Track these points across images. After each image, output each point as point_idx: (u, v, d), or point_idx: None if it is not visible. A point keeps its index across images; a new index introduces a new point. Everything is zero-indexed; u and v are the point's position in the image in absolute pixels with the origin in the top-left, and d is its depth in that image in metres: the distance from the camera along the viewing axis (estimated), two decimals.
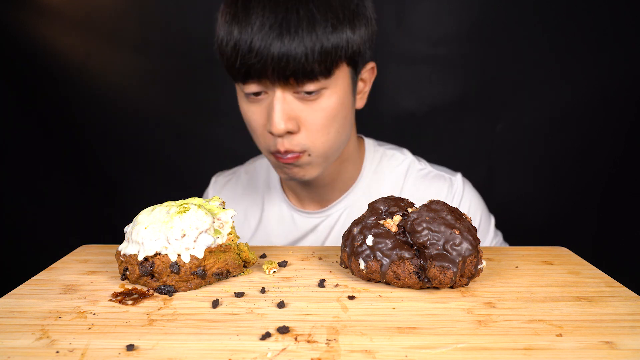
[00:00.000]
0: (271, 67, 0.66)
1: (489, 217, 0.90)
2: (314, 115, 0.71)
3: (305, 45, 0.66)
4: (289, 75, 0.67)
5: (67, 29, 1.36)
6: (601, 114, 1.37)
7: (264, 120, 0.73)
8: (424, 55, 1.36)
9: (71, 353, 0.39)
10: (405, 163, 0.91)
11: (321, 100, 0.71)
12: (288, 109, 0.70)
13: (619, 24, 1.30)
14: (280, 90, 0.69)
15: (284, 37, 0.65)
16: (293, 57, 0.66)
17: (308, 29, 0.66)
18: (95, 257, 0.61)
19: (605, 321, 0.44)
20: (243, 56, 0.67)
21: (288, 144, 0.72)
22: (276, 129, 0.69)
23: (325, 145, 0.74)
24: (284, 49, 0.65)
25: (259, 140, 0.76)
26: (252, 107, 0.74)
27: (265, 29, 0.66)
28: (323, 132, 0.73)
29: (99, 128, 1.44)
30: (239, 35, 0.67)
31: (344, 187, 0.88)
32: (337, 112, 0.73)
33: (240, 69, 0.68)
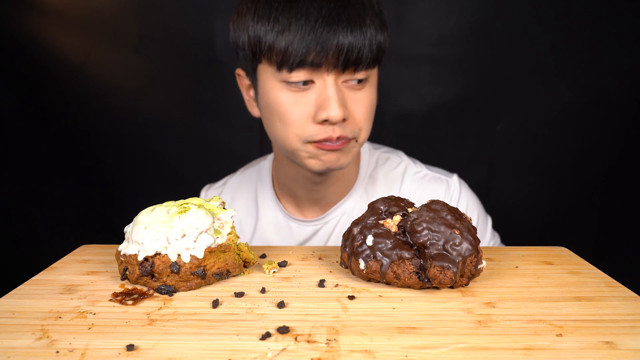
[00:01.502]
0: (336, 55, 0.68)
1: (486, 217, 0.90)
2: (361, 104, 0.74)
3: (370, 35, 0.69)
4: (351, 63, 0.69)
5: (67, 29, 1.36)
6: (601, 113, 1.37)
7: (309, 111, 0.72)
8: (424, 55, 1.36)
9: (71, 353, 0.39)
10: (401, 166, 0.91)
11: (365, 90, 0.74)
12: (342, 96, 0.71)
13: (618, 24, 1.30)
14: (333, 77, 0.70)
15: (351, 26, 0.68)
16: (361, 46, 0.69)
17: (364, 16, 0.70)
18: (95, 257, 0.61)
19: (605, 321, 0.44)
20: (306, 43, 0.67)
21: (341, 131, 0.72)
22: (336, 116, 0.70)
23: (366, 133, 0.77)
24: (354, 37, 0.68)
25: (295, 132, 0.73)
26: (293, 97, 0.72)
27: (331, 16, 0.67)
28: (367, 120, 0.76)
29: (99, 128, 1.44)
30: (299, 20, 0.67)
31: (343, 190, 0.87)
32: (374, 103, 0.77)
33: (299, 56, 0.68)
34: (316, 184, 0.85)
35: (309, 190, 0.87)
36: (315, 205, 0.88)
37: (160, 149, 1.47)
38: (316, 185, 0.85)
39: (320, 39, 0.67)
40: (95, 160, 1.47)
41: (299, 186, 0.87)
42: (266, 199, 0.91)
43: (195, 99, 1.44)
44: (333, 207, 0.87)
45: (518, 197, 1.45)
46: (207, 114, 1.44)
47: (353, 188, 0.88)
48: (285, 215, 0.89)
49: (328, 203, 0.88)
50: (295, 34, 0.67)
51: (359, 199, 0.87)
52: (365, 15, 0.70)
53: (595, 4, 1.30)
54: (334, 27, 0.67)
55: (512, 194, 1.44)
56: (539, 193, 1.45)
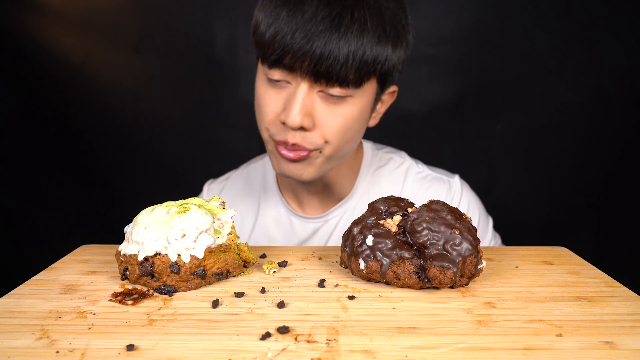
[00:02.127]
0: (308, 62, 0.66)
1: (487, 218, 0.90)
2: (333, 119, 0.71)
3: (350, 48, 0.65)
4: (322, 75, 0.67)
5: (67, 29, 1.36)
6: (601, 113, 1.37)
7: (279, 109, 0.71)
8: (424, 55, 1.36)
9: (71, 353, 0.39)
10: (403, 166, 0.91)
11: (343, 106, 0.71)
12: (309, 105, 0.69)
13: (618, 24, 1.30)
14: (307, 85, 0.69)
15: (332, 34, 0.65)
16: (334, 57, 0.65)
17: (357, 33, 0.66)
18: (95, 257, 0.61)
19: (605, 321, 0.44)
20: (284, 43, 0.66)
21: (300, 139, 0.70)
22: (292, 122, 0.68)
23: (335, 149, 0.74)
24: (329, 46, 0.65)
25: (264, 125, 0.74)
26: (270, 91, 0.72)
27: (315, 20, 0.65)
28: (337, 136, 0.72)
29: (98, 128, 1.44)
30: (286, 19, 0.66)
31: (343, 191, 0.87)
32: (354, 123, 0.73)
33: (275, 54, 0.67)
34: (308, 187, 0.85)
35: (306, 192, 0.87)
36: (317, 202, 0.88)
37: (160, 149, 1.47)
38: (308, 188, 0.85)
39: (295, 41, 0.66)
40: (95, 160, 1.47)
41: (296, 187, 0.87)
42: (269, 194, 0.91)
43: (195, 99, 1.44)
44: (335, 206, 0.87)
45: (518, 197, 1.45)
46: (207, 114, 1.44)
47: (354, 187, 0.88)
48: (288, 211, 0.89)
49: (328, 203, 0.88)
50: (279, 31, 0.67)
51: (360, 198, 0.87)
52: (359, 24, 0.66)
53: (595, 4, 1.30)
54: (312, 31, 0.65)
55: (512, 194, 1.44)
56: (539, 193, 1.45)
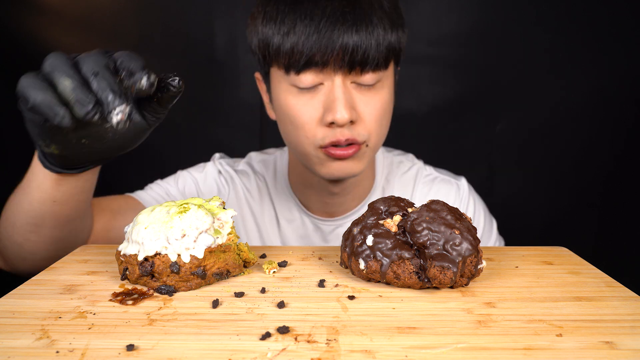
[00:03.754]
0: (342, 54, 0.67)
1: (491, 220, 0.91)
2: (371, 107, 0.72)
3: (378, 35, 0.68)
4: (358, 63, 0.68)
5: (67, 29, 1.36)
6: (601, 113, 1.37)
7: (318, 113, 0.71)
8: (424, 55, 1.36)
9: (71, 353, 0.39)
10: (413, 169, 0.91)
11: (377, 91, 0.72)
12: (349, 97, 0.70)
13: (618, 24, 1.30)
14: (341, 78, 0.69)
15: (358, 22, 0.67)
16: (367, 44, 0.67)
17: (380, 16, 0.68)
18: (95, 257, 0.61)
19: (605, 321, 0.44)
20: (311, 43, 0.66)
21: (349, 134, 0.70)
22: (342, 118, 0.68)
23: (379, 137, 0.75)
24: (359, 37, 0.66)
25: (305, 135, 0.73)
26: (302, 99, 0.71)
27: (337, 13, 0.66)
28: (378, 123, 0.73)
29: None
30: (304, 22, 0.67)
31: (362, 195, 0.87)
32: (388, 105, 0.75)
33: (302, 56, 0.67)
34: (333, 195, 0.83)
35: (326, 202, 0.85)
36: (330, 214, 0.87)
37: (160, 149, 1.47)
38: (333, 195, 0.84)
39: (324, 39, 0.66)
40: None
41: (315, 196, 0.85)
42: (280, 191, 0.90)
43: (195, 99, 1.44)
44: (352, 211, 0.87)
45: (518, 197, 1.45)
46: (207, 114, 1.44)
47: (370, 194, 0.88)
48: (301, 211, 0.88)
49: (343, 211, 0.87)
50: (300, 35, 0.67)
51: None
52: (373, 14, 0.68)
53: (595, 4, 1.30)
54: (338, 26, 0.66)
55: (512, 194, 1.44)
56: (539, 193, 1.45)
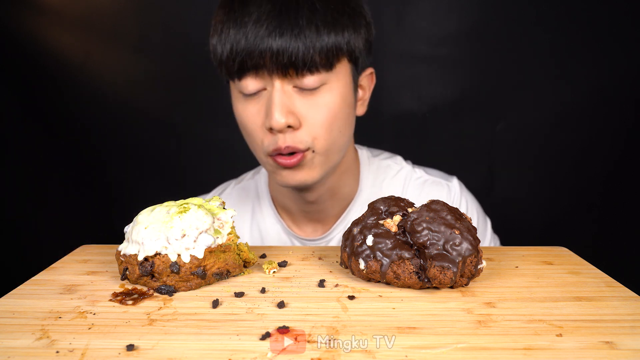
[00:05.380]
0: (269, 57, 0.66)
1: (485, 219, 0.90)
2: (316, 111, 0.69)
3: (306, 38, 0.66)
4: (288, 65, 0.66)
5: (67, 29, 1.36)
6: (601, 113, 1.37)
7: (262, 119, 0.70)
8: (424, 55, 1.36)
9: (71, 353, 0.39)
10: (402, 173, 0.89)
11: (322, 95, 0.70)
12: (288, 102, 0.68)
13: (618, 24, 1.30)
14: (279, 82, 0.68)
15: (283, 28, 0.65)
16: (293, 48, 0.65)
17: (308, 21, 0.66)
18: (95, 257, 0.61)
19: (605, 321, 0.44)
20: (239, 49, 0.67)
21: (290, 140, 0.69)
22: (276, 122, 0.67)
23: (327, 143, 0.72)
24: (284, 40, 0.65)
25: (255, 143, 0.73)
26: (248, 106, 0.71)
27: (263, 18, 0.66)
28: (325, 129, 0.71)
29: (98, 128, 1.44)
30: (236, 29, 0.67)
31: (344, 202, 0.85)
32: (339, 110, 0.71)
33: (235, 62, 0.68)
34: (309, 203, 0.82)
35: (305, 210, 0.84)
36: (314, 221, 0.86)
37: (160, 149, 1.47)
38: (309, 204, 0.82)
39: (249, 44, 0.66)
40: (95, 160, 1.47)
41: (293, 203, 0.84)
42: (266, 216, 0.88)
43: (195, 99, 1.44)
44: (336, 223, 0.85)
45: (518, 197, 1.45)
46: (207, 114, 1.44)
47: (354, 199, 0.85)
48: (289, 234, 0.86)
49: (327, 218, 0.86)
50: (233, 42, 0.68)
51: (362, 210, 0.85)
52: (300, 17, 0.66)
53: (595, 4, 1.30)
54: (262, 31, 0.66)
55: (512, 194, 1.44)
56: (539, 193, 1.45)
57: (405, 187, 0.88)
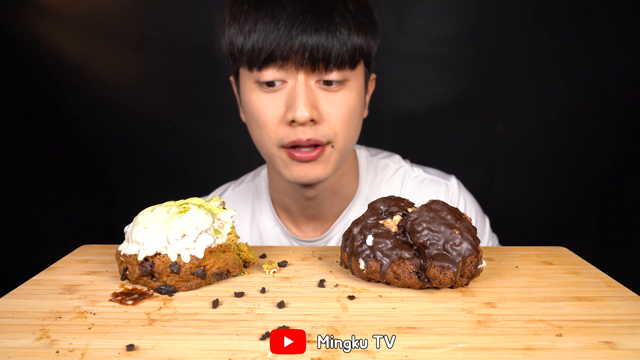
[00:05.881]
0: (301, 52, 0.67)
1: (484, 218, 0.90)
2: (337, 107, 0.71)
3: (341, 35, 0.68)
4: (319, 61, 0.68)
5: (67, 29, 1.36)
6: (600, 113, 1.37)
7: (279, 112, 0.71)
8: (424, 55, 1.36)
9: (71, 353, 0.39)
10: (400, 172, 0.90)
11: (343, 92, 0.72)
12: (311, 96, 0.70)
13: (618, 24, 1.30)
14: (304, 76, 0.69)
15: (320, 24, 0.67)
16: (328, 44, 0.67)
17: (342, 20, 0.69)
18: (95, 257, 0.61)
19: (605, 321, 0.44)
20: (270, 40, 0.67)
21: (312, 133, 0.70)
22: (302, 116, 0.68)
23: (347, 139, 0.74)
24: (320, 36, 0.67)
25: (267, 135, 0.72)
26: (265, 97, 0.71)
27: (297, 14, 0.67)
28: (345, 125, 0.73)
29: (98, 128, 1.44)
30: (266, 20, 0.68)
31: (343, 202, 0.85)
32: (356, 107, 0.74)
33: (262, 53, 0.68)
34: (309, 200, 0.82)
35: (304, 207, 0.84)
36: (314, 220, 0.86)
37: (160, 149, 1.47)
38: (309, 200, 0.82)
39: (283, 37, 0.67)
40: (95, 160, 1.47)
41: (292, 201, 0.84)
42: (265, 218, 0.88)
43: (195, 99, 1.44)
44: (335, 222, 0.85)
45: (518, 197, 1.45)
46: (207, 114, 1.44)
47: (354, 199, 0.86)
48: (288, 236, 0.87)
49: (327, 217, 0.86)
50: (261, 33, 0.68)
51: (361, 210, 0.85)
52: (335, 14, 0.68)
53: (595, 4, 1.30)
54: (297, 25, 0.67)
55: (512, 194, 1.44)
56: (539, 193, 1.45)
57: (403, 185, 0.89)
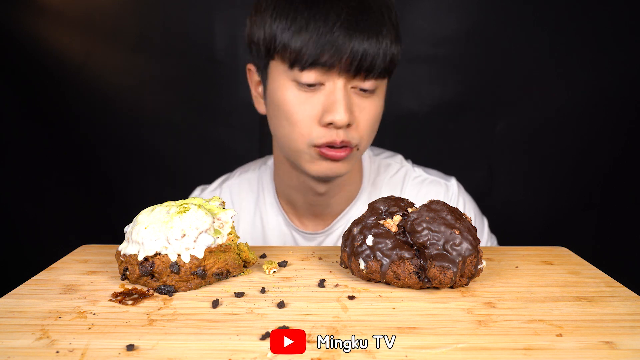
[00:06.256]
0: (347, 58, 0.68)
1: (482, 219, 0.91)
2: (366, 112, 0.74)
3: (385, 45, 0.70)
4: (363, 69, 0.69)
5: (67, 29, 1.36)
6: (600, 113, 1.37)
7: (315, 112, 0.72)
8: (424, 55, 1.36)
9: (71, 353, 0.39)
10: (401, 172, 0.91)
11: (374, 99, 0.74)
12: (349, 101, 0.71)
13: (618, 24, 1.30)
14: (343, 81, 0.70)
15: (370, 33, 0.69)
16: (375, 53, 0.69)
17: (387, 30, 0.71)
18: (95, 257, 0.61)
19: (605, 321, 0.44)
20: (323, 42, 0.68)
21: (344, 136, 0.72)
22: (341, 120, 0.70)
23: (368, 143, 0.77)
24: (369, 44, 0.69)
25: (300, 132, 0.73)
26: (301, 97, 0.72)
27: (350, 20, 0.68)
28: (369, 129, 0.75)
29: (99, 128, 1.44)
30: (318, 21, 0.68)
31: (348, 199, 0.87)
32: (380, 113, 0.77)
33: (309, 54, 0.68)
34: (319, 195, 0.83)
35: (311, 203, 0.85)
36: (318, 218, 0.87)
37: (160, 149, 1.47)
38: (318, 196, 0.83)
39: (336, 42, 0.68)
40: (95, 159, 1.47)
41: (300, 197, 0.85)
42: (269, 208, 0.89)
43: (195, 99, 1.44)
44: (338, 217, 0.86)
45: (518, 198, 1.45)
46: (207, 114, 1.44)
47: (357, 197, 0.87)
48: (290, 226, 0.87)
49: (331, 214, 0.87)
50: (312, 35, 0.68)
51: (363, 208, 0.86)
52: (383, 25, 0.70)
53: (595, 4, 1.30)
54: (350, 32, 0.68)
55: (512, 194, 1.44)
56: (538, 193, 1.45)
57: (404, 185, 0.89)
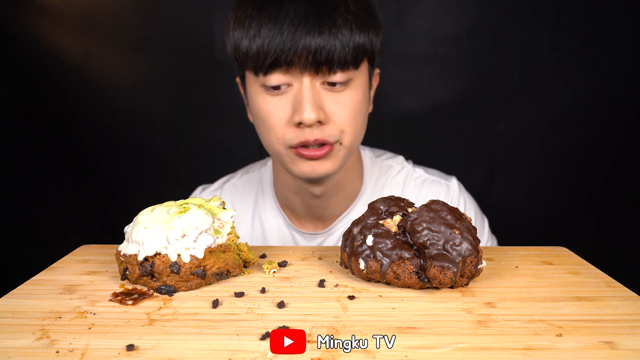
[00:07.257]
0: (305, 55, 0.68)
1: (483, 219, 0.91)
2: (342, 107, 0.72)
3: (343, 36, 0.69)
4: (323, 63, 0.68)
5: (67, 29, 1.36)
6: (600, 114, 1.37)
7: (286, 114, 0.72)
8: (424, 55, 1.36)
9: (71, 353, 0.39)
10: (402, 173, 0.91)
11: (348, 92, 0.73)
12: (317, 98, 0.71)
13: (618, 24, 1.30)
14: (309, 78, 0.70)
15: (322, 27, 0.68)
16: (331, 46, 0.68)
17: (344, 21, 0.69)
18: (95, 257, 0.61)
19: (605, 321, 0.44)
20: (274, 45, 0.68)
21: (319, 134, 0.71)
22: (308, 118, 0.69)
23: (354, 136, 0.75)
24: (322, 38, 0.68)
25: (275, 136, 0.74)
26: (272, 100, 0.72)
27: (300, 18, 0.68)
28: (351, 123, 0.74)
29: (98, 128, 1.44)
30: (270, 25, 0.68)
31: (347, 201, 0.86)
32: (361, 105, 0.75)
33: (267, 57, 0.69)
34: (316, 198, 0.83)
35: (309, 207, 0.85)
36: (317, 220, 0.87)
37: (160, 149, 1.47)
38: (315, 199, 0.83)
39: (287, 40, 0.67)
40: (95, 159, 1.48)
41: (298, 200, 0.85)
42: (269, 209, 0.89)
43: (195, 99, 1.44)
44: (338, 219, 0.86)
45: (518, 197, 1.45)
46: (207, 114, 1.44)
47: (357, 198, 0.87)
48: (290, 227, 0.87)
49: (331, 216, 0.86)
50: (265, 38, 0.69)
51: (363, 209, 0.86)
52: (337, 16, 0.69)
53: (595, 4, 1.30)
54: (300, 29, 0.67)
55: (512, 194, 1.44)
56: (539, 193, 1.45)
57: (405, 186, 0.89)
